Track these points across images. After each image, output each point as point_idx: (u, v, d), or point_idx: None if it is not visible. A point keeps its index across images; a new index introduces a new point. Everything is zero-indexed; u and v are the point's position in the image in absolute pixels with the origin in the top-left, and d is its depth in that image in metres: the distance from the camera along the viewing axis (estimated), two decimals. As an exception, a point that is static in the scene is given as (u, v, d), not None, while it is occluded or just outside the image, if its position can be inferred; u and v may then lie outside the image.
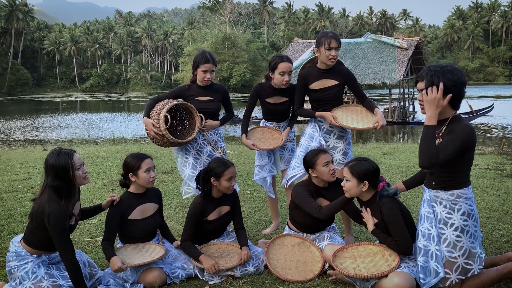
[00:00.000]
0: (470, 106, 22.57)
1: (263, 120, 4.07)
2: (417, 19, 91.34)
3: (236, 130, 20.82)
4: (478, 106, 25.17)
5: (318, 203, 3.25)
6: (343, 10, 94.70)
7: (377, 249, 2.99)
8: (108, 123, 25.93)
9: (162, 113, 3.50)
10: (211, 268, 3.03)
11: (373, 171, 2.90)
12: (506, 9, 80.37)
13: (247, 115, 4.03)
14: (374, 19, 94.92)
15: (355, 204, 3.30)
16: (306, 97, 3.79)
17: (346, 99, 22.43)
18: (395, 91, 27.52)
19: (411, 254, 2.87)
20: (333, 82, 3.61)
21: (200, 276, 3.13)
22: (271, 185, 4.06)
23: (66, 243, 2.67)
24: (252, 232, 4.11)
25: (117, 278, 2.99)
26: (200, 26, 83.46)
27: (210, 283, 3.05)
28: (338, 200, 3.12)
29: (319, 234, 3.40)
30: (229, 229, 3.61)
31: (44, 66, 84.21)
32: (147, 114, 3.60)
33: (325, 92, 3.63)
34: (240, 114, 22.45)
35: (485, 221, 4.24)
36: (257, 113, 15.91)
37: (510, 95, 42.67)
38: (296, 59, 20.50)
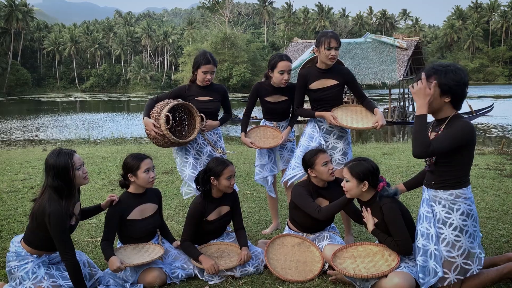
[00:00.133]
0: (470, 106, 22.57)
1: (263, 120, 4.07)
2: (416, 19, 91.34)
3: (236, 130, 20.81)
4: (478, 106, 25.17)
5: (318, 203, 3.25)
6: (343, 10, 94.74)
7: (376, 249, 2.99)
8: (108, 123, 25.91)
9: (163, 113, 3.49)
10: (211, 268, 3.03)
11: (373, 171, 2.91)
12: (505, 9, 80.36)
13: (247, 114, 4.03)
14: (374, 19, 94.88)
15: (355, 204, 3.31)
16: (306, 97, 3.80)
17: (346, 99, 22.42)
18: (395, 91, 27.52)
19: (411, 254, 2.87)
20: (332, 82, 3.62)
21: (200, 276, 3.13)
22: (272, 185, 4.06)
23: (67, 243, 2.67)
24: (252, 232, 4.11)
25: (117, 278, 2.99)
26: (199, 26, 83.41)
27: (210, 283, 3.05)
28: (338, 201, 3.12)
29: (318, 234, 3.40)
30: (229, 229, 3.61)
31: (44, 66, 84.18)
32: (147, 114, 3.59)
33: (324, 92, 3.63)
34: (240, 114, 22.45)
35: (485, 221, 4.24)
36: (257, 113, 15.92)
37: (510, 95, 42.67)
38: (295, 59, 20.46)
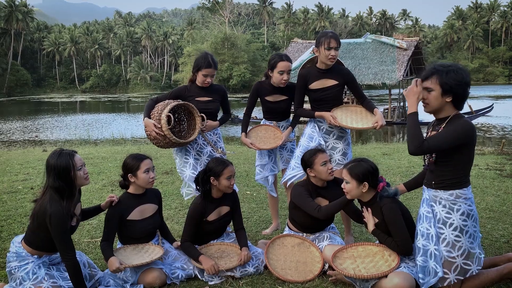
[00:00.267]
0: (469, 106, 22.56)
1: (264, 120, 4.07)
2: (416, 19, 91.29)
3: (236, 131, 20.81)
4: (478, 106, 25.17)
5: (317, 202, 3.25)
6: (343, 10, 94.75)
7: (376, 250, 2.99)
8: (108, 124, 25.92)
9: (164, 113, 3.48)
10: (211, 268, 3.03)
11: (372, 172, 2.90)
12: (505, 9, 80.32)
13: (248, 113, 4.04)
14: (374, 19, 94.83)
15: (355, 204, 3.31)
16: (306, 97, 3.80)
17: (346, 99, 22.41)
18: (394, 91, 27.49)
19: (411, 255, 2.87)
20: (332, 82, 3.62)
21: (200, 277, 3.13)
22: (273, 184, 4.06)
23: (68, 243, 2.67)
24: (252, 232, 4.11)
25: (117, 279, 2.99)
26: (199, 27, 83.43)
27: (210, 283, 3.05)
28: (338, 201, 3.12)
29: (318, 235, 3.40)
30: (229, 230, 3.61)
31: (44, 67, 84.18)
32: (148, 115, 3.59)
33: (324, 92, 3.63)
34: (240, 115, 22.44)
35: (485, 221, 4.24)
36: (257, 114, 15.92)
37: (509, 95, 42.66)
38: (295, 60, 20.45)
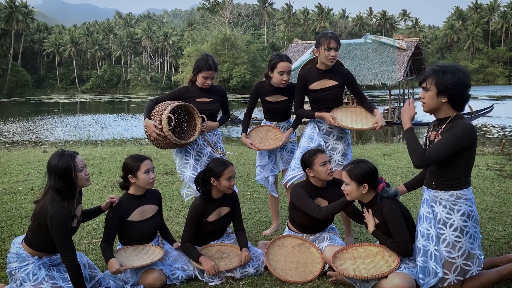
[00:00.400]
0: (470, 106, 22.53)
1: (264, 120, 4.07)
2: (416, 20, 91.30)
3: (236, 131, 20.81)
4: (478, 107, 25.15)
5: (317, 203, 3.25)
6: (343, 11, 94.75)
7: (377, 250, 2.99)
8: (108, 125, 25.93)
9: (164, 114, 3.48)
10: (211, 269, 3.03)
11: (371, 173, 2.90)
12: (505, 9, 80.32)
13: (248, 114, 4.04)
14: (374, 20, 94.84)
15: (355, 205, 3.30)
16: (306, 98, 3.80)
17: (346, 100, 22.40)
18: (394, 92, 27.54)
19: (411, 256, 2.87)
20: (332, 83, 3.62)
21: (200, 278, 3.13)
22: (273, 184, 4.06)
23: (68, 244, 2.67)
24: (252, 233, 4.11)
25: (117, 280, 2.99)
26: (200, 27, 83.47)
27: (210, 284, 3.05)
28: (338, 202, 3.12)
29: (319, 235, 3.40)
30: (229, 230, 3.61)
31: (44, 68, 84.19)
32: (148, 116, 3.59)
33: (324, 92, 3.63)
34: (240, 115, 22.43)
35: (485, 222, 4.24)
36: (257, 114, 15.92)
37: (510, 95, 42.64)
38: (295, 60, 20.47)
